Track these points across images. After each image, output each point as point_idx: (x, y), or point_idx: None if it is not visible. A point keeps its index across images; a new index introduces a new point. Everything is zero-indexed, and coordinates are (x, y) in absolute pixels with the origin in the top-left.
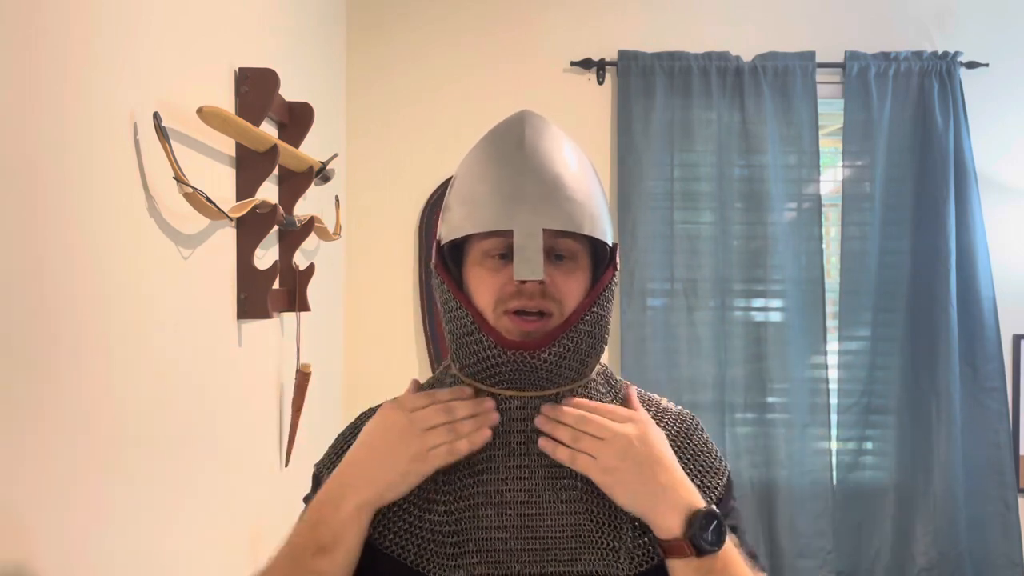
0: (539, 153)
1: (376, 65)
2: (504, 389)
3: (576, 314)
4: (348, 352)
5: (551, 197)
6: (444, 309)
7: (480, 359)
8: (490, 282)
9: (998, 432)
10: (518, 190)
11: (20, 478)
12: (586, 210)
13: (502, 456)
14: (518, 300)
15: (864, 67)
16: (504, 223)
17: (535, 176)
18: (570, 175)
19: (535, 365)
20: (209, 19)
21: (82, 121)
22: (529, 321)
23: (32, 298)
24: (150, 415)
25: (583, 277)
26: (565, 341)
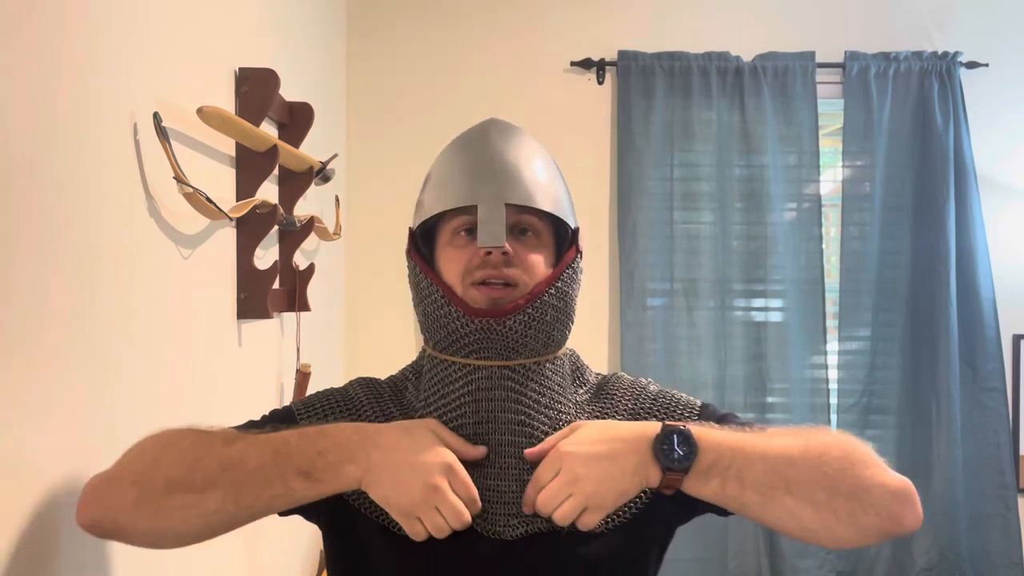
0: (504, 142)
1: (376, 65)
2: (473, 359)
3: (540, 285)
4: (348, 352)
5: (514, 176)
6: (416, 291)
7: (450, 331)
8: (458, 257)
9: (998, 432)
10: (483, 170)
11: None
12: (548, 192)
13: (472, 424)
14: (484, 270)
15: (864, 67)
16: (470, 199)
17: (500, 158)
18: (533, 162)
19: (501, 332)
20: (209, 19)
21: (82, 121)
22: (496, 289)
23: (31, 298)
24: (150, 415)
25: (547, 254)
26: (529, 310)
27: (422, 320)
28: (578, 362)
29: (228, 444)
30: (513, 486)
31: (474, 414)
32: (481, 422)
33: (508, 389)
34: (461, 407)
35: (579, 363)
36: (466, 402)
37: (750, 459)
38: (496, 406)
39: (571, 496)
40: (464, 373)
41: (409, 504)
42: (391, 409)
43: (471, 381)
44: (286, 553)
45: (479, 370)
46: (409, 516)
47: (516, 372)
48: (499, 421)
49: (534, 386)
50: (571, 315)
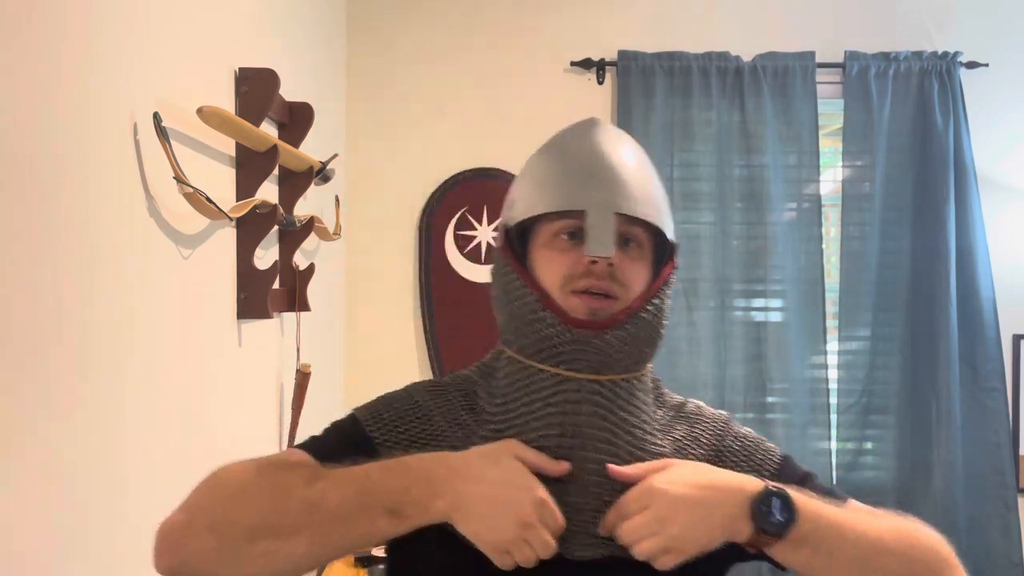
0: (611, 145)
1: (376, 65)
2: (563, 369)
3: (640, 300)
4: (348, 352)
5: (624, 183)
6: (505, 292)
7: (542, 337)
8: (559, 261)
9: (998, 432)
10: (590, 172)
11: (20, 478)
12: (653, 203)
13: (557, 437)
14: (587, 279)
15: (864, 67)
16: (577, 203)
17: (607, 161)
18: (642, 170)
19: (597, 345)
20: (209, 19)
21: (82, 121)
22: (596, 300)
23: (32, 298)
24: (150, 415)
25: (646, 268)
26: (628, 326)
27: (506, 322)
28: (658, 382)
29: (309, 484)
30: (591, 504)
31: (558, 427)
32: (565, 435)
33: (596, 404)
34: (545, 418)
35: (659, 383)
36: (551, 413)
37: (845, 537)
38: (582, 421)
39: (655, 535)
40: (552, 383)
41: (501, 540)
42: (463, 416)
43: (558, 392)
44: None
45: (568, 381)
46: (499, 550)
47: (605, 387)
48: (584, 436)
49: (622, 403)
50: (662, 335)
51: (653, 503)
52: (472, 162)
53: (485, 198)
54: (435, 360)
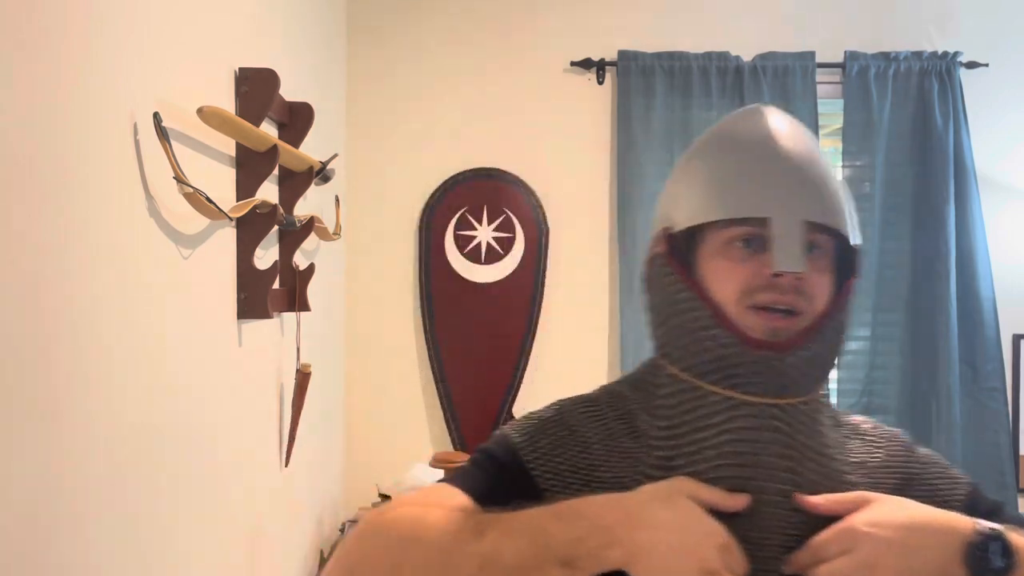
0: (792, 141)
1: (376, 65)
2: (738, 393)
3: (825, 316)
4: (348, 352)
5: (812, 187)
6: (667, 303)
7: (715, 357)
8: (736, 273)
9: (998, 432)
10: (773, 176)
11: (19, 478)
12: (836, 205)
13: (733, 466)
14: (769, 294)
15: (864, 67)
16: (760, 209)
17: (789, 160)
18: (821, 166)
19: (779, 368)
20: (209, 19)
21: (82, 121)
22: (779, 318)
23: (32, 298)
24: (149, 415)
25: (829, 278)
26: (813, 345)
27: (666, 335)
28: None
29: (479, 537)
30: (774, 540)
31: (735, 456)
32: (744, 465)
33: (776, 431)
34: (719, 447)
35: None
36: (726, 441)
37: None
38: (761, 448)
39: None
40: (725, 408)
41: None
42: (625, 443)
43: (733, 418)
44: (286, 553)
45: (743, 406)
46: None
47: (785, 412)
48: (764, 466)
49: (802, 428)
50: (843, 351)
51: (857, 546)
52: (472, 162)
53: (485, 198)
54: (435, 360)
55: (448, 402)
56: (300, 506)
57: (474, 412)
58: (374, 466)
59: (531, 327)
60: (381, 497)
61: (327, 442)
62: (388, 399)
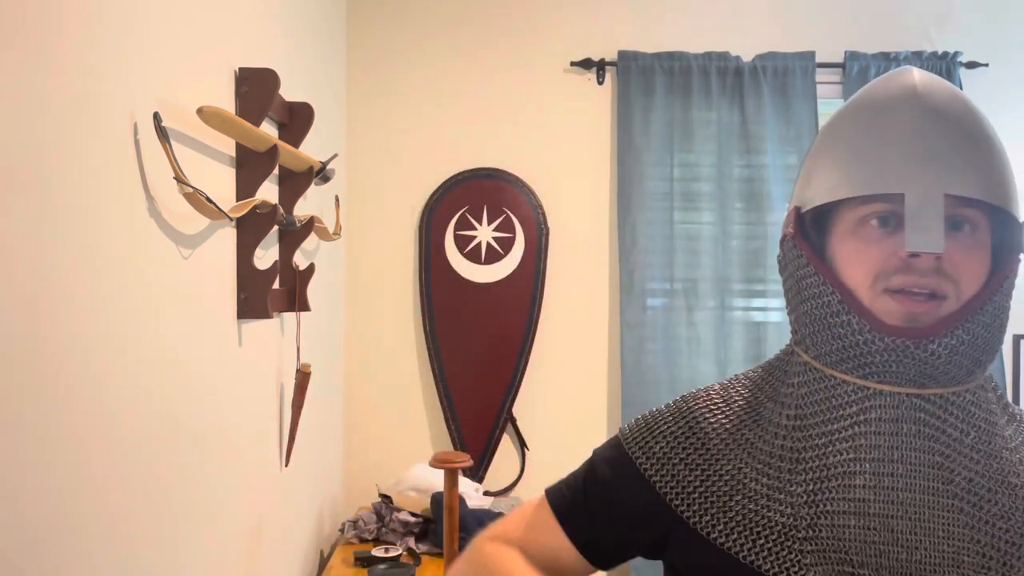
0: (936, 108)
1: (376, 65)
2: (874, 382)
3: (977, 299)
4: (348, 352)
5: (953, 156)
6: (799, 287)
7: (847, 344)
8: (869, 254)
9: None
10: (911, 146)
11: (19, 478)
12: (993, 175)
13: (870, 460)
14: (905, 276)
15: (864, 67)
16: (893, 184)
17: (932, 131)
18: (974, 132)
19: (919, 356)
20: (209, 19)
21: (82, 121)
22: (918, 302)
23: (31, 298)
24: (150, 415)
25: (983, 257)
26: (960, 332)
27: (798, 321)
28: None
29: None
30: (923, 542)
31: (872, 448)
32: (883, 460)
33: (921, 423)
34: (855, 439)
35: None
36: (861, 432)
37: None
38: (904, 442)
39: None
40: (859, 397)
41: None
42: (745, 433)
43: (869, 408)
44: (286, 553)
45: (881, 396)
46: None
47: (930, 402)
48: (908, 461)
49: (954, 421)
50: (1002, 337)
51: None
52: (472, 162)
53: (485, 198)
54: (435, 360)
55: (448, 402)
56: (300, 506)
57: (474, 412)
58: (374, 466)
59: (531, 327)
60: (381, 497)
61: (327, 442)
62: (388, 399)
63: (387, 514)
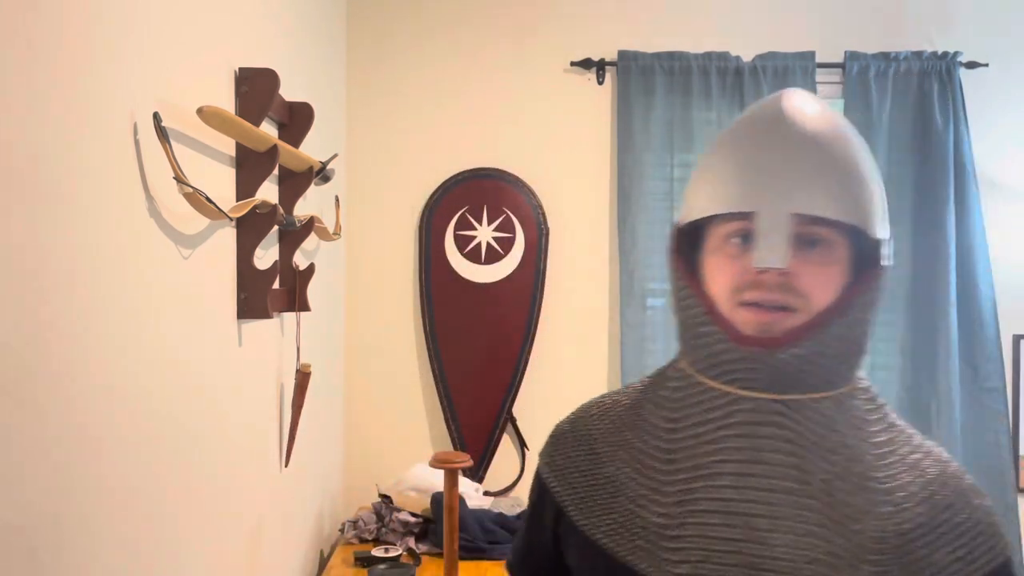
0: (797, 127)
1: (376, 65)
2: (737, 388)
3: (828, 312)
4: (348, 352)
5: (806, 177)
6: (676, 298)
7: (711, 353)
8: (729, 269)
9: (998, 432)
10: (766, 167)
11: (18, 478)
12: (848, 195)
13: (734, 462)
14: (756, 291)
15: (864, 67)
16: (748, 204)
17: (791, 153)
18: (836, 154)
19: (772, 364)
20: (209, 19)
21: (82, 121)
22: (767, 313)
23: (31, 298)
24: (149, 415)
25: (835, 272)
26: (809, 343)
27: (680, 331)
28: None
29: None
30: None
31: (736, 451)
32: (745, 461)
33: (780, 426)
34: (720, 441)
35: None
36: (726, 436)
37: None
38: (764, 444)
39: None
40: (726, 402)
41: None
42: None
43: (734, 412)
44: (286, 553)
45: (743, 401)
46: None
47: (789, 407)
48: (768, 462)
49: (812, 425)
50: (864, 347)
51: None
52: (472, 162)
53: (485, 198)
54: (435, 360)
55: (448, 402)
56: (300, 506)
57: (474, 412)
58: (374, 466)
59: (531, 327)
60: (381, 497)
61: (327, 442)
62: (388, 399)
63: (387, 514)
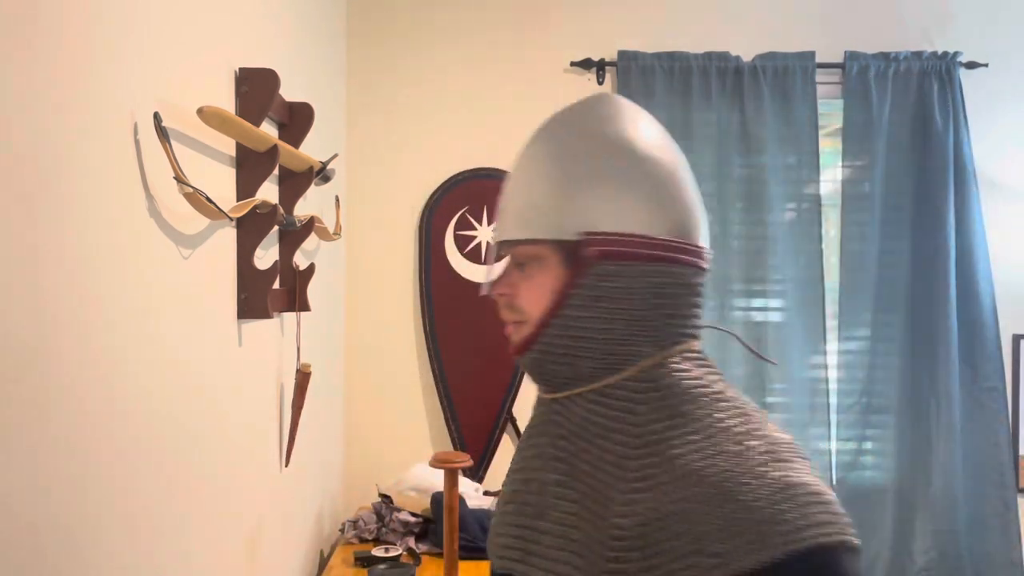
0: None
1: (376, 65)
2: (539, 392)
3: (544, 319)
4: (348, 352)
5: (505, 205)
6: None
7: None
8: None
9: (998, 432)
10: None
11: (19, 479)
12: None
13: (528, 457)
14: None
15: (864, 67)
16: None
17: (508, 183)
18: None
19: (527, 369)
20: (209, 19)
21: (82, 121)
22: (509, 327)
23: (31, 298)
24: (149, 415)
25: (551, 280)
26: (537, 347)
27: None
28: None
29: None
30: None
31: (531, 447)
32: (532, 456)
33: (549, 422)
34: (527, 439)
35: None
36: (530, 435)
37: None
38: (542, 440)
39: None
40: (535, 405)
41: None
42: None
43: (534, 414)
44: (286, 553)
45: (538, 401)
46: None
47: (557, 403)
48: (543, 456)
49: (577, 419)
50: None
51: None
52: (472, 162)
53: (485, 198)
54: (435, 360)
55: (448, 402)
56: (300, 506)
57: (474, 412)
58: (374, 466)
59: None
60: (381, 497)
61: (327, 442)
62: (388, 399)
63: (387, 514)
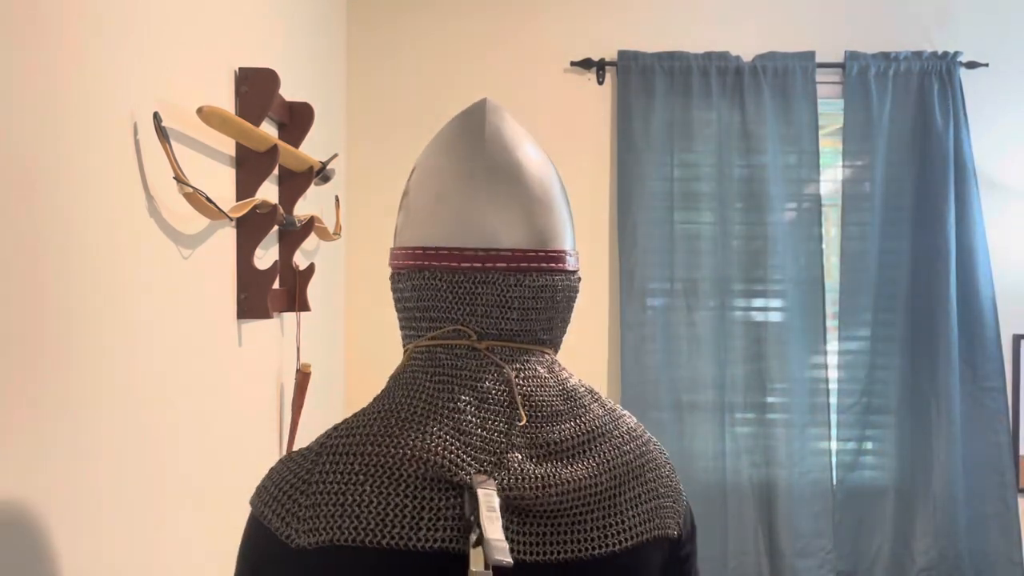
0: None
1: (376, 65)
2: None
3: None
4: (348, 352)
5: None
6: None
7: None
8: None
9: (998, 432)
10: None
11: (19, 478)
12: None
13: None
14: None
15: (864, 67)
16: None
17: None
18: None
19: None
20: (209, 19)
21: (82, 121)
22: None
23: (31, 298)
24: (149, 415)
25: None
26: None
27: None
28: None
29: None
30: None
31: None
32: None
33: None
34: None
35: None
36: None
37: None
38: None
39: None
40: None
41: None
42: None
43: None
44: None
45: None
46: None
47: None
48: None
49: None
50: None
51: None
52: None
53: None
54: None
55: None
56: None
57: None
58: None
59: None
60: None
61: None
62: None
63: None
